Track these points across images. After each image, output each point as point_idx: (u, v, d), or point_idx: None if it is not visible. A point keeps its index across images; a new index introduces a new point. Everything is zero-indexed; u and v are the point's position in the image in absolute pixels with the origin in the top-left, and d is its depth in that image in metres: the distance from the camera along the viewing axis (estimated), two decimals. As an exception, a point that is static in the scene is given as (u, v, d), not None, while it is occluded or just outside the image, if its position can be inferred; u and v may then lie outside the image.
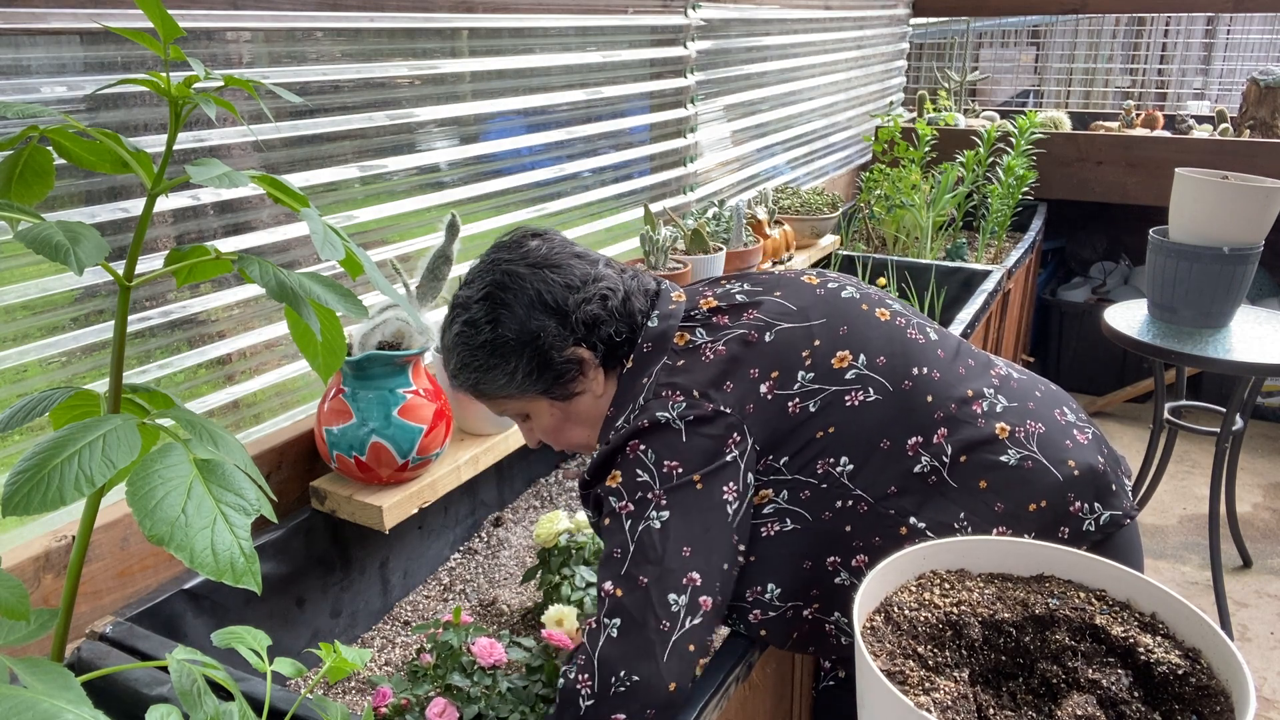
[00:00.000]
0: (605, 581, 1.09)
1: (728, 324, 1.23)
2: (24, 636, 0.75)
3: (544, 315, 1.19)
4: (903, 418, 1.18)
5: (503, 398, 1.24)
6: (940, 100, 4.41)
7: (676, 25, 2.53)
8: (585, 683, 1.04)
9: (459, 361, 1.23)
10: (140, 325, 1.35)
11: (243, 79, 0.77)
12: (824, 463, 1.16)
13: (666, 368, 1.19)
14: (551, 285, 1.19)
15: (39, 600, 1.19)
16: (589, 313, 1.20)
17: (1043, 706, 0.80)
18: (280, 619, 1.46)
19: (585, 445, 1.30)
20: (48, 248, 0.64)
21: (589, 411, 1.26)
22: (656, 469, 1.11)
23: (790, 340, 1.20)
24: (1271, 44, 6.04)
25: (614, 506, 1.12)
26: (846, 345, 1.21)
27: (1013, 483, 1.19)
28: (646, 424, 1.13)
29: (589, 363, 1.22)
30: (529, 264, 1.21)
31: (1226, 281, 2.55)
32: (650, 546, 1.08)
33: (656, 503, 1.09)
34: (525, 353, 1.19)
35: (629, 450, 1.13)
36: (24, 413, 0.74)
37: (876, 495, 1.17)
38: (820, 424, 1.16)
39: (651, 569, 1.07)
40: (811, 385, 1.18)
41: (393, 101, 1.69)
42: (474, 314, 1.20)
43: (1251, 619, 2.80)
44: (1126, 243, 4.54)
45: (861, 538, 1.17)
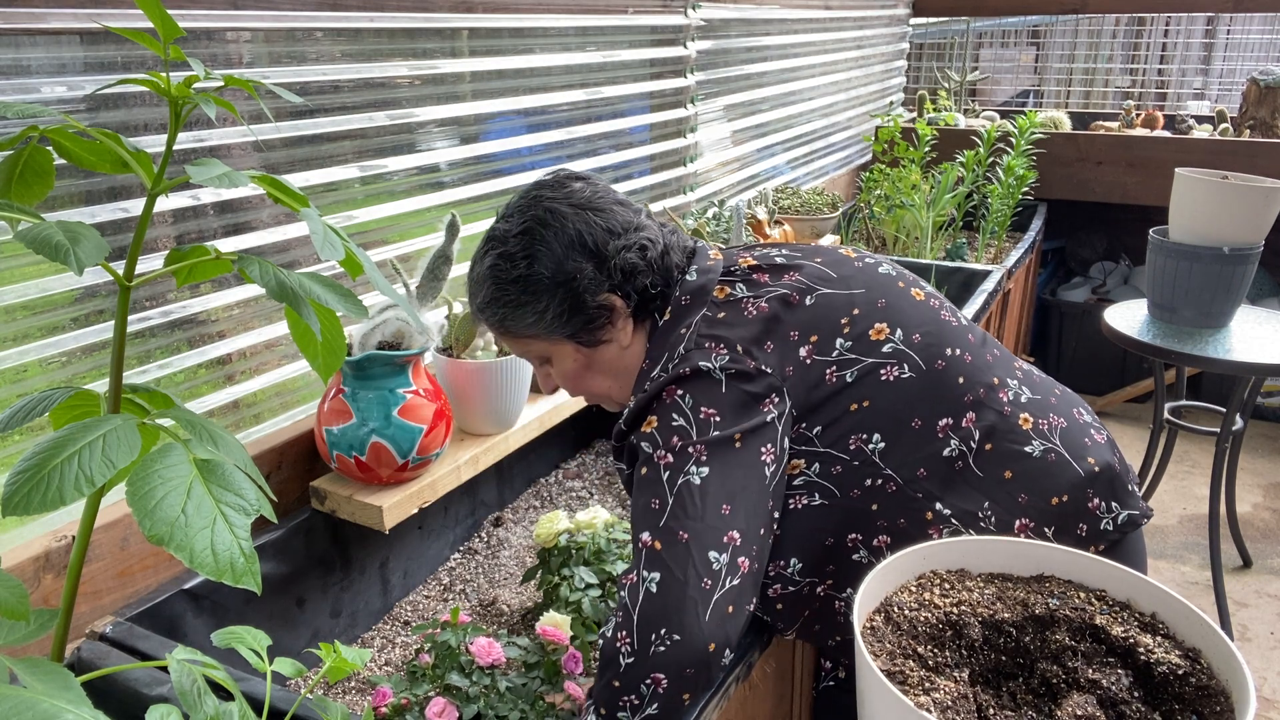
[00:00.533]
0: (643, 533, 1.06)
1: (768, 282, 1.21)
2: (24, 636, 0.75)
3: (582, 257, 1.16)
4: (934, 398, 1.17)
5: (528, 337, 1.22)
6: (940, 100, 4.41)
7: (676, 25, 2.53)
8: (624, 640, 1.02)
9: (489, 295, 1.19)
10: (140, 325, 1.35)
11: (243, 79, 0.77)
12: (857, 438, 1.15)
13: (707, 319, 1.17)
14: (593, 227, 1.17)
15: (39, 600, 1.19)
16: (627, 260, 1.17)
17: (1043, 706, 0.80)
18: (280, 619, 1.46)
19: (603, 396, 1.28)
20: (48, 248, 0.64)
21: (613, 362, 1.24)
22: (694, 414, 1.08)
23: (831, 305, 1.19)
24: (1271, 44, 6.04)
25: (649, 454, 1.10)
26: (884, 318, 1.19)
27: (1036, 474, 1.19)
28: (687, 371, 1.11)
29: (620, 311, 1.19)
30: (572, 204, 1.18)
31: (1226, 281, 2.55)
32: (690, 501, 1.05)
33: (696, 457, 1.07)
34: (558, 293, 1.16)
35: (665, 395, 1.11)
36: (24, 413, 0.74)
37: (906, 477, 1.16)
38: (855, 396, 1.15)
39: (692, 524, 1.04)
40: (849, 354, 1.16)
41: (393, 101, 1.69)
42: (510, 248, 1.17)
43: (1251, 619, 2.80)
44: (1126, 243, 4.54)
45: (886, 518, 1.16)
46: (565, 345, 1.22)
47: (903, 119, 3.79)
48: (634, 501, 1.12)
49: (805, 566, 1.18)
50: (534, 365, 1.30)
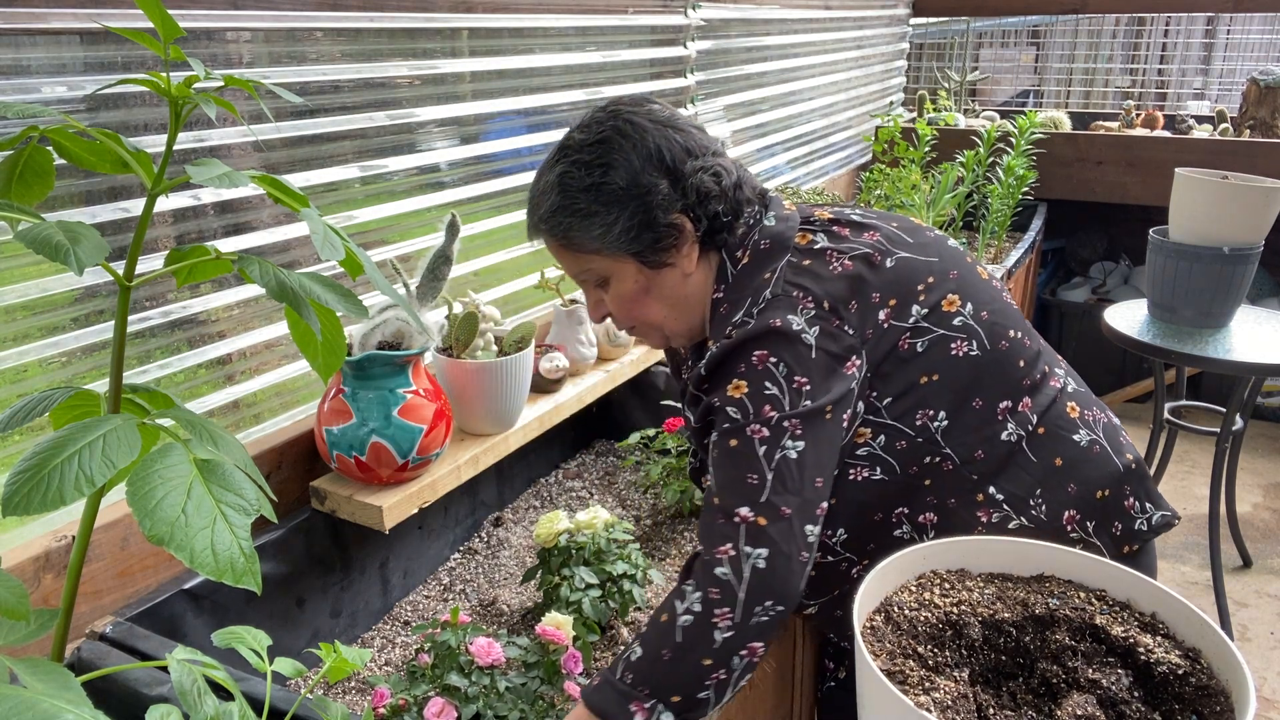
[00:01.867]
0: (741, 507, 1.04)
1: (849, 237, 1.19)
2: (24, 636, 0.75)
3: (657, 173, 1.13)
4: (996, 378, 1.16)
5: (590, 252, 1.17)
6: (940, 100, 4.41)
7: (676, 25, 2.53)
8: (725, 615, 1.00)
9: (556, 204, 1.15)
10: (140, 325, 1.35)
11: (243, 79, 0.77)
12: (924, 414, 1.14)
13: (792, 265, 1.14)
14: (672, 144, 1.14)
15: (39, 600, 1.19)
16: (702, 182, 1.15)
17: (1043, 706, 0.80)
18: (280, 619, 1.46)
19: (655, 325, 1.24)
20: (48, 248, 0.64)
21: (673, 289, 1.20)
22: (787, 384, 1.06)
23: (909, 270, 1.17)
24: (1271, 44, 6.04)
25: (740, 426, 1.07)
26: (956, 290, 1.18)
27: (1082, 464, 1.19)
28: (777, 324, 1.08)
29: (687, 235, 1.16)
30: (652, 119, 1.16)
31: (1226, 281, 2.55)
32: (790, 476, 1.05)
33: (791, 432, 1.06)
34: (630, 206, 1.13)
35: (756, 360, 1.08)
36: (24, 413, 0.74)
37: (964, 457, 1.15)
38: (926, 368, 1.13)
39: (793, 499, 1.04)
40: (923, 323, 1.14)
41: (393, 101, 1.69)
42: (585, 156, 1.14)
43: (1251, 619, 2.80)
44: (1126, 243, 4.54)
45: (937, 495, 1.16)
46: (628, 264, 1.18)
47: (903, 119, 3.78)
48: (723, 471, 1.08)
49: (849, 539, 1.18)
50: (586, 290, 1.26)
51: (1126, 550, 1.22)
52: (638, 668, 1.03)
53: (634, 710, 1.01)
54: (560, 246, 1.19)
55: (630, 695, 1.02)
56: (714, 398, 1.11)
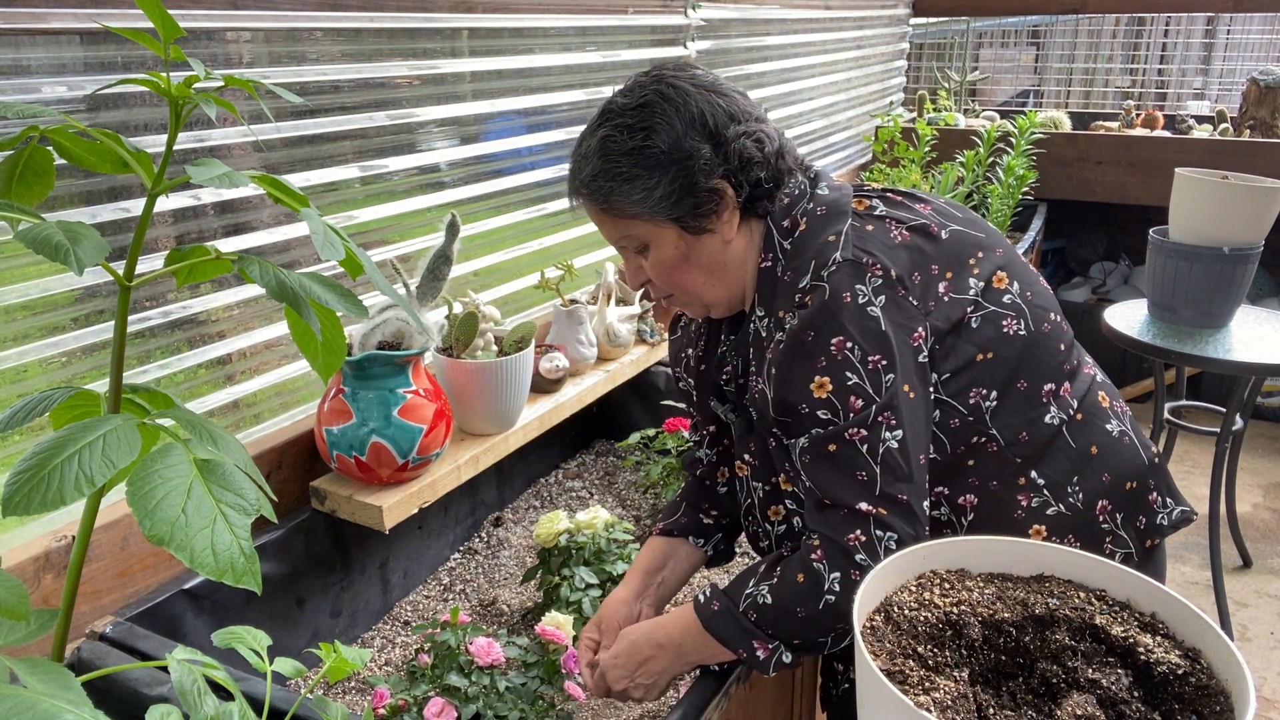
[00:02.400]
0: (860, 503, 1.06)
1: (905, 204, 1.18)
2: (24, 636, 0.75)
3: (700, 137, 1.12)
4: (1039, 361, 1.16)
5: (631, 217, 1.16)
6: (940, 100, 4.41)
7: (676, 25, 2.53)
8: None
9: (598, 168, 1.14)
10: (140, 325, 1.35)
11: (243, 79, 0.77)
12: (977, 393, 1.13)
13: (856, 230, 1.13)
14: (715, 108, 1.13)
15: (39, 600, 1.19)
16: (745, 147, 1.14)
17: (1043, 706, 0.80)
18: (280, 619, 1.46)
19: (695, 294, 1.22)
20: (48, 248, 0.64)
21: (713, 257, 1.18)
22: (863, 366, 1.06)
23: (962, 242, 1.16)
24: (1271, 44, 6.04)
25: (835, 429, 1.07)
26: (1004, 268, 1.17)
27: (1114, 454, 1.19)
28: (846, 299, 1.07)
29: (729, 201, 1.15)
30: (696, 84, 1.15)
31: (1226, 281, 2.55)
32: (897, 465, 1.07)
33: (887, 424, 1.07)
34: (672, 171, 1.12)
35: (835, 349, 1.07)
36: (24, 413, 0.74)
37: (1008, 439, 1.15)
38: (981, 345, 1.13)
39: (905, 485, 1.07)
40: (978, 296, 1.14)
41: (393, 101, 1.69)
42: (628, 120, 1.13)
43: (1251, 619, 2.80)
44: (1126, 243, 4.54)
45: (979, 477, 1.16)
46: (668, 229, 1.16)
47: (903, 119, 3.78)
48: (826, 474, 1.09)
49: None
50: (625, 257, 1.24)
51: (1148, 544, 1.22)
52: (766, 613, 1.12)
53: (756, 646, 1.12)
54: (601, 211, 1.18)
55: (753, 634, 1.12)
56: (798, 394, 1.09)
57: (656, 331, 2.09)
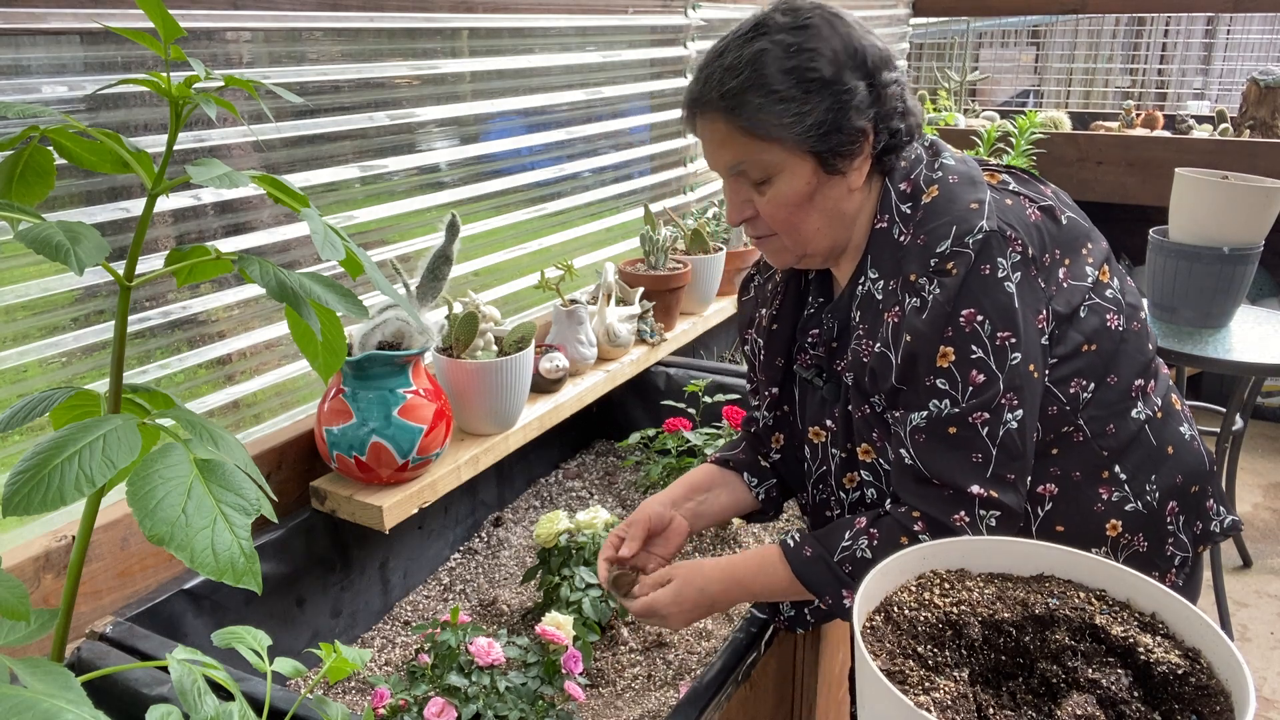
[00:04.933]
0: (971, 485, 1.06)
1: (1032, 182, 1.16)
2: (24, 636, 0.75)
3: (858, 74, 1.08)
4: (1130, 358, 1.15)
5: (771, 140, 1.09)
6: (940, 100, 4.41)
7: (676, 25, 2.53)
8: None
9: (748, 81, 1.06)
10: (140, 325, 1.35)
11: (243, 79, 0.77)
12: (1078, 383, 1.12)
13: (997, 202, 1.09)
14: (874, 48, 1.10)
15: (39, 600, 1.19)
16: (896, 95, 1.11)
17: (1043, 706, 0.80)
18: (280, 619, 1.46)
19: (805, 238, 1.16)
20: (48, 248, 0.64)
21: (836, 201, 1.13)
22: (990, 342, 1.04)
23: (1077, 232, 1.15)
24: (1271, 44, 6.05)
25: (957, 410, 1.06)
26: (1106, 263, 1.17)
27: (1188, 456, 1.19)
28: (986, 271, 1.04)
29: (867, 146, 1.11)
30: (856, 20, 1.11)
31: (1226, 281, 2.55)
32: (1013, 446, 1.07)
33: (1010, 405, 1.06)
34: (828, 100, 1.07)
35: (964, 321, 1.04)
36: (24, 413, 0.74)
37: (1095, 430, 1.14)
38: (1087, 334, 1.12)
39: (1017, 464, 1.07)
40: (1088, 284, 1.13)
41: (393, 101, 1.69)
42: (791, 38, 1.07)
43: (1251, 619, 2.80)
44: (1126, 243, 4.54)
45: (1061, 467, 1.15)
46: (806, 162, 1.10)
47: (903, 119, 3.78)
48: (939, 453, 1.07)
49: None
50: (734, 187, 1.16)
51: (1199, 549, 1.22)
52: (862, 566, 1.10)
53: (845, 595, 1.12)
54: (735, 129, 1.10)
55: (845, 583, 1.13)
56: (926, 371, 1.07)
57: (656, 332, 2.09)
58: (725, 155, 1.14)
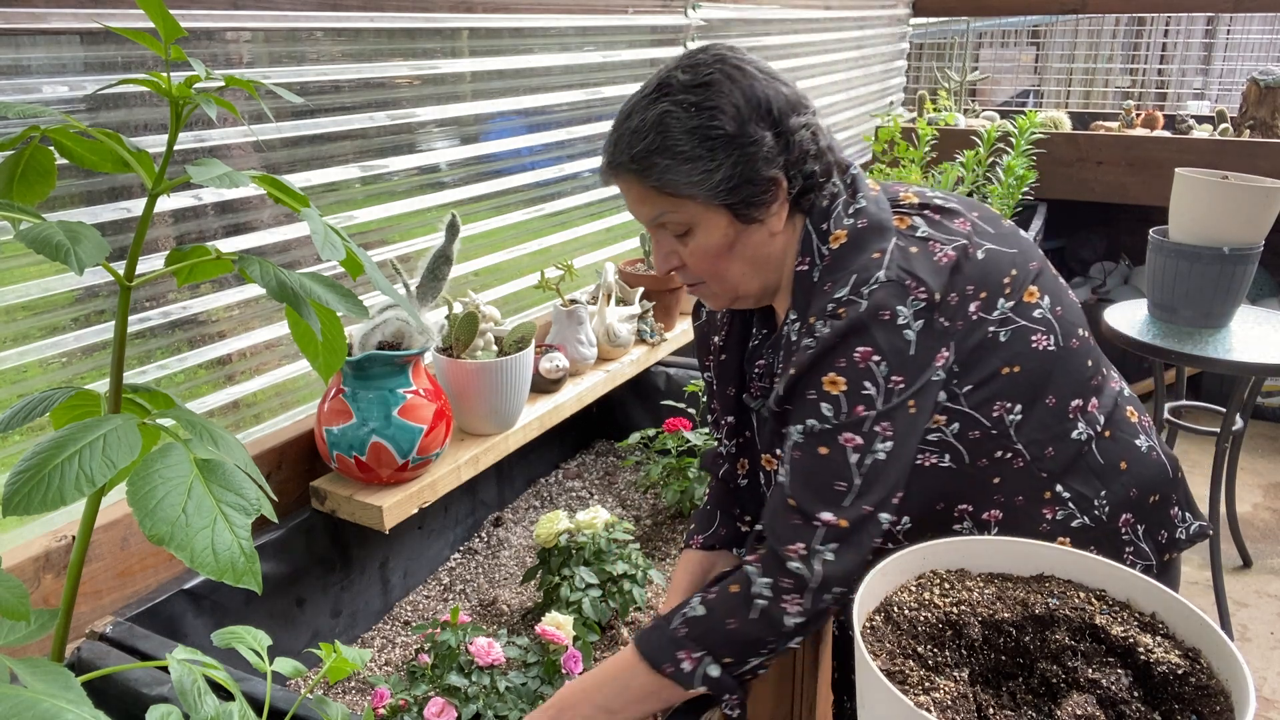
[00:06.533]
0: (824, 512, 1.05)
1: (944, 223, 1.16)
2: (24, 636, 0.75)
3: (763, 125, 1.09)
4: (1068, 376, 1.15)
5: (684, 197, 1.11)
6: (940, 100, 4.41)
7: (676, 25, 2.53)
8: (795, 602, 1.05)
9: (654, 144, 1.09)
10: (140, 325, 1.35)
11: (243, 79, 0.77)
12: (1001, 405, 1.12)
13: (901, 250, 1.10)
14: (779, 96, 1.10)
15: (39, 600, 1.19)
16: (804, 139, 1.11)
17: (1043, 706, 0.80)
18: (280, 619, 1.46)
19: (731, 286, 1.18)
20: (48, 248, 0.64)
21: (757, 247, 1.15)
22: (885, 382, 1.05)
23: (996, 262, 1.14)
24: (1271, 44, 6.05)
25: (832, 429, 1.06)
26: (1036, 283, 1.16)
27: (1142, 469, 1.19)
28: (886, 316, 1.05)
29: (782, 192, 1.12)
30: (759, 68, 1.11)
31: (1226, 281, 2.55)
32: (876, 478, 1.06)
33: (883, 435, 1.06)
34: (734, 156, 1.08)
35: (860, 357, 1.05)
36: (24, 413, 0.74)
37: (1034, 454, 1.14)
38: (1007, 357, 1.12)
39: (874, 496, 1.06)
40: (1008, 313, 1.12)
41: (393, 101, 1.69)
42: (691, 97, 1.08)
43: (1251, 619, 2.80)
44: (1126, 243, 4.54)
45: (1004, 493, 1.15)
46: (720, 215, 1.12)
47: (903, 119, 3.78)
48: (805, 475, 1.08)
49: (913, 528, 1.17)
50: (659, 239, 1.18)
51: (1166, 558, 1.22)
52: (695, 624, 1.09)
53: (681, 658, 1.08)
54: (649, 188, 1.12)
55: (682, 644, 1.09)
56: (810, 386, 1.08)
57: (656, 332, 2.09)
58: (644, 211, 1.16)
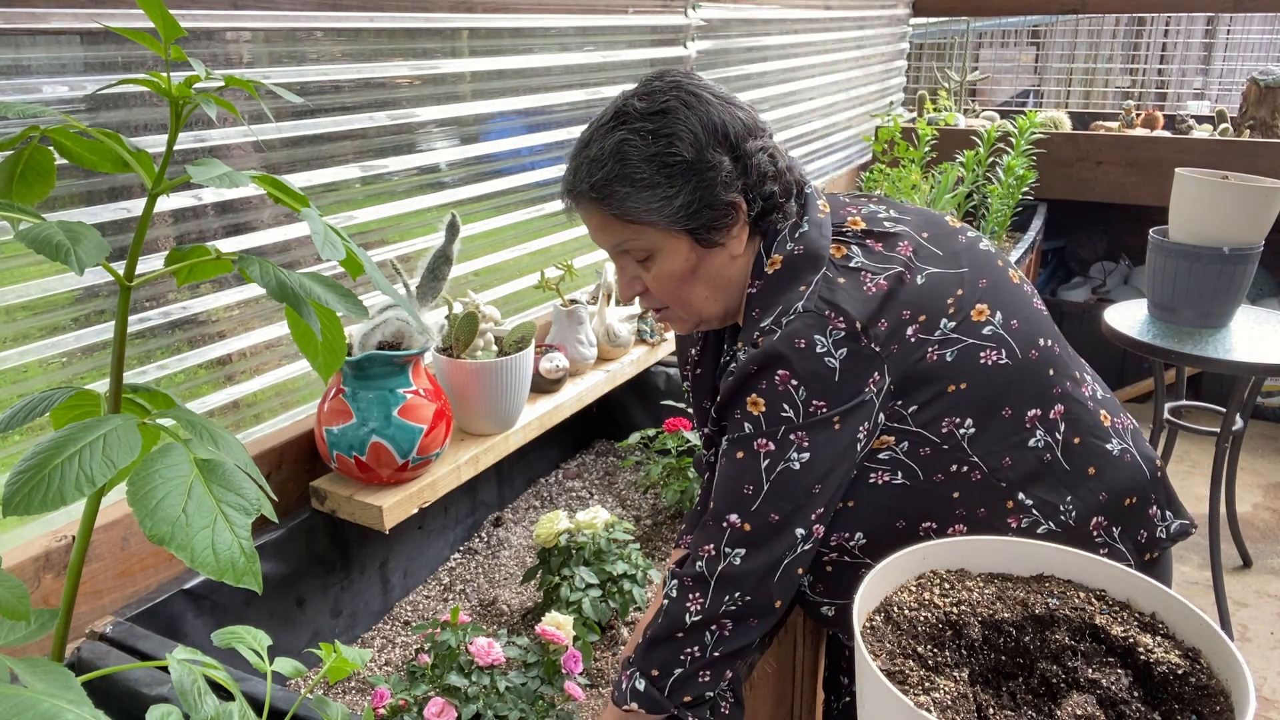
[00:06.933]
0: (730, 514, 1.08)
1: (883, 252, 1.16)
2: (24, 636, 0.75)
3: (721, 150, 1.10)
4: (1025, 387, 1.15)
5: (643, 224, 1.12)
6: (940, 100, 4.41)
7: (676, 25, 2.53)
8: (696, 600, 1.08)
9: (612, 173, 1.09)
10: (140, 325, 1.35)
11: (243, 79, 0.77)
12: (950, 421, 1.13)
13: (827, 280, 1.12)
14: (735, 120, 1.11)
15: (39, 600, 1.19)
16: (762, 163, 1.12)
17: (1043, 706, 0.80)
18: (280, 619, 1.46)
19: (695, 310, 1.20)
20: (48, 248, 0.64)
21: (719, 270, 1.16)
22: (804, 407, 1.07)
23: (939, 285, 1.15)
24: (1271, 44, 6.05)
25: (749, 438, 1.08)
26: (986, 300, 1.16)
27: (1114, 473, 1.19)
28: (801, 345, 1.07)
29: (741, 216, 1.13)
30: (714, 94, 1.12)
31: (1226, 281, 2.55)
32: (785, 486, 1.08)
33: (798, 444, 1.07)
34: (693, 181, 1.09)
35: (779, 380, 1.07)
36: (24, 413, 0.74)
37: (991, 465, 1.14)
38: (954, 377, 1.12)
39: (784, 506, 1.08)
40: (951, 334, 1.13)
41: (393, 101, 1.69)
42: (649, 125, 1.09)
43: (1251, 619, 2.80)
44: (1126, 243, 4.54)
45: (965, 506, 1.16)
46: (681, 241, 1.13)
47: (903, 119, 3.78)
48: (724, 479, 1.11)
49: (869, 544, 1.18)
50: (622, 265, 1.20)
51: (1148, 557, 1.22)
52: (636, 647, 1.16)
53: (621, 678, 1.15)
54: (609, 216, 1.13)
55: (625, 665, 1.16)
56: (734, 408, 1.11)
57: (656, 332, 2.09)
58: (605, 239, 1.17)
